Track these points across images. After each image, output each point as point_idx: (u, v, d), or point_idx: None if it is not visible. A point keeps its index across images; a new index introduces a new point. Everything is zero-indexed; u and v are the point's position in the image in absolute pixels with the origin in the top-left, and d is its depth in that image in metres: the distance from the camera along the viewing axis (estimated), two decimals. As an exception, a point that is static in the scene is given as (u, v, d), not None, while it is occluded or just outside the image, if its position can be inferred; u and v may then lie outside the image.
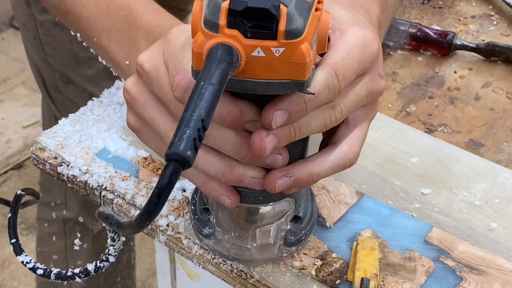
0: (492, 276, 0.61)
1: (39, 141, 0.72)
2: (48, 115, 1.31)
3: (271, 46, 0.44)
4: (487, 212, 0.67)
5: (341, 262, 0.62)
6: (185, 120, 0.40)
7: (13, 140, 2.30)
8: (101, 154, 0.71)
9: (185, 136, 0.39)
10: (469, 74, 0.88)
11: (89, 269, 0.68)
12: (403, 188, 0.69)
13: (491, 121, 0.80)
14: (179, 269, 0.81)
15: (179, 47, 0.51)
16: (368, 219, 0.65)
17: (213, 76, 0.42)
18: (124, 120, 0.74)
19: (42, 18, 1.15)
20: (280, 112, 0.48)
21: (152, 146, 0.57)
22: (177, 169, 0.39)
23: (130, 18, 0.66)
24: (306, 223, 0.61)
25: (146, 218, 0.42)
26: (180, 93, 0.49)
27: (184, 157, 0.39)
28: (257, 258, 0.60)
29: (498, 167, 0.71)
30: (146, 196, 0.67)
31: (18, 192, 0.78)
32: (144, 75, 0.54)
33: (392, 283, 0.60)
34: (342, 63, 0.50)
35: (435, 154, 0.72)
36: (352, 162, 0.55)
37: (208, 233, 0.60)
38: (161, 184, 0.40)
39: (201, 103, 0.41)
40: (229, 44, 0.44)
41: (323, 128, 0.52)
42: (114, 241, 0.66)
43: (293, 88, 0.47)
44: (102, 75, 1.22)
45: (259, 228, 0.59)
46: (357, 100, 0.53)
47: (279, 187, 0.52)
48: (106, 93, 0.78)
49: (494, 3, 1.01)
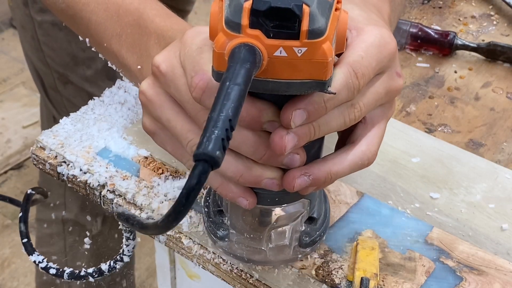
0: (492, 276, 0.61)
1: (40, 140, 0.72)
2: (47, 115, 1.31)
3: (293, 46, 0.44)
4: (487, 212, 0.67)
5: (341, 262, 0.62)
6: (213, 120, 0.40)
7: (13, 140, 2.30)
8: (102, 153, 0.71)
9: (214, 137, 0.39)
10: (469, 74, 0.88)
11: (103, 269, 0.68)
12: (404, 188, 0.69)
13: (491, 121, 0.80)
14: (179, 269, 0.81)
15: (196, 48, 0.51)
16: (369, 219, 0.65)
17: (238, 76, 0.42)
18: (125, 119, 0.74)
19: (40, 18, 1.15)
20: (299, 112, 0.48)
21: (168, 149, 0.57)
22: (206, 170, 0.39)
23: (141, 22, 0.66)
24: (320, 224, 0.61)
25: (174, 219, 0.42)
26: (198, 94, 0.49)
27: (213, 157, 0.39)
28: (272, 260, 0.60)
29: (499, 168, 0.71)
30: (147, 195, 0.67)
31: (28, 191, 0.78)
32: (161, 76, 0.54)
33: (392, 283, 0.60)
34: (360, 61, 0.50)
35: (436, 154, 0.72)
36: (370, 162, 0.55)
37: (222, 235, 0.60)
38: (189, 185, 0.39)
39: (227, 103, 0.41)
40: (251, 44, 0.44)
41: (342, 127, 0.52)
42: (129, 241, 0.65)
43: (314, 88, 0.47)
44: (101, 75, 1.21)
45: (274, 229, 0.59)
46: (376, 99, 0.53)
47: (297, 186, 0.52)
48: (107, 92, 0.78)
49: (494, 3, 1.01)
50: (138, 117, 0.75)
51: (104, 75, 1.22)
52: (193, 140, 0.52)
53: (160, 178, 0.68)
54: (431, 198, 0.68)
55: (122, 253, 0.67)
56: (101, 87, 1.23)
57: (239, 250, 0.60)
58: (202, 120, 0.51)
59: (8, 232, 2.05)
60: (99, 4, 0.69)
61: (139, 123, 0.74)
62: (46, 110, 1.31)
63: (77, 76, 1.20)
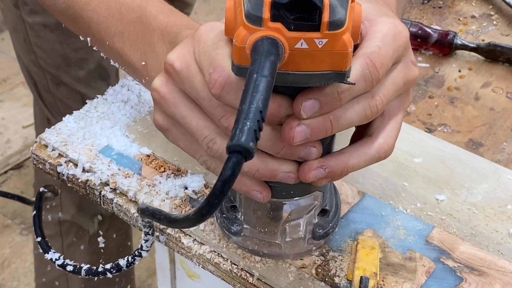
0: (493, 277, 0.61)
1: (43, 138, 0.72)
2: (41, 117, 1.31)
3: (314, 37, 0.45)
4: (489, 213, 0.67)
5: (342, 261, 0.62)
6: (244, 112, 0.40)
7: (13, 140, 2.30)
8: (104, 151, 0.71)
9: (246, 128, 0.40)
10: (469, 74, 0.88)
11: (121, 264, 0.68)
12: (405, 188, 0.69)
13: (491, 121, 0.80)
14: (179, 269, 0.81)
15: (211, 44, 0.51)
16: (369, 218, 0.65)
17: (264, 68, 0.42)
18: (127, 118, 0.75)
19: (32, 20, 1.15)
20: (311, 102, 0.49)
21: (181, 145, 0.57)
22: (239, 161, 0.40)
23: (144, 19, 0.66)
24: (332, 216, 0.61)
25: (207, 212, 0.42)
26: (217, 90, 0.49)
27: (247, 149, 0.40)
28: (287, 253, 0.61)
29: (501, 168, 0.71)
30: (149, 193, 0.67)
31: (41, 189, 0.79)
32: (175, 74, 0.54)
33: (392, 283, 0.60)
34: (378, 51, 0.50)
35: (438, 154, 0.72)
36: (387, 154, 0.55)
37: (236, 230, 0.60)
38: (224, 177, 0.40)
39: (257, 95, 0.41)
40: (274, 37, 0.44)
41: (363, 120, 0.52)
42: (148, 236, 0.65)
43: (334, 79, 0.47)
44: (93, 76, 1.22)
45: (288, 222, 0.59)
46: (395, 89, 0.53)
47: (312, 177, 0.52)
48: (110, 90, 0.78)
49: (494, 3, 1.00)
50: (140, 116, 0.75)
51: (97, 76, 1.22)
52: (209, 136, 0.53)
53: (162, 176, 0.68)
54: (433, 198, 0.68)
55: (140, 248, 0.67)
56: (94, 88, 1.24)
57: (254, 245, 0.61)
58: (219, 116, 0.51)
59: (8, 232, 2.05)
60: (100, 3, 0.69)
61: (141, 121, 0.75)
62: (40, 112, 1.31)
63: (69, 77, 1.20)
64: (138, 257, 0.67)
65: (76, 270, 0.70)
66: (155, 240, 0.67)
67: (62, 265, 0.70)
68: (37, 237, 0.73)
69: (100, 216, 1.36)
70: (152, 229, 0.64)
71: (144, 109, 0.76)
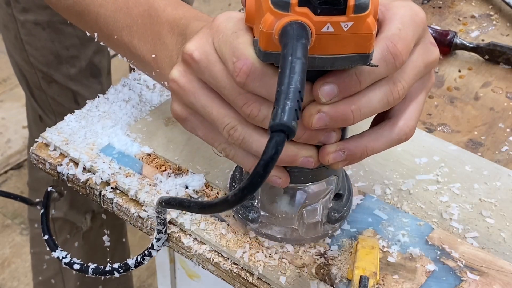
0: (493, 277, 0.61)
1: (45, 137, 0.72)
2: (33, 115, 1.32)
3: (340, 21, 0.46)
4: (489, 213, 0.67)
5: (341, 261, 0.62)
6: (283, 93, 0.42)
7: (13, 140, 2.30)
8: (105, 150, 0.71)
9: (288, 108, 0.41)
10: (468, 74, 0.88)
11: (129, 264, 0.67)
12: (405, 188, 0.69)
13: (491, 121, 0.80)
14: (179, 269, 0.81)
15: (231, 33, 0.52)
16: (370, 218, 0.65)
17: (297, 51, 0.43)
18: (129, 117, 0.75)
19: (23, 18, 1.16)
20: (329, 86, 0.50)
21: (200, 133, 0.58)
22: (282, 140, 0.41)
23: (152, 12, 0.67)
24: (346, 200, 0.62)
25: (248, 192, 0.43)
26: (243, 78, 0.50)
27: (289, 127, 0.41)
28: (305, 238, 0.62)
29: (502, 169, 0.71)
30: (149, 192, 0.67)
31: (49, 188, 0.79)
32: (194, 63, 0.54)
33: (392, 283, 0.60)
34: (399, 34, 0.51)
35: (438, 154, 0.72)
36: (407, 137, 0.55)
37: (254, 217, 0.61)
38: (268, 155, 0.41)
39: (294, 76, 0.42)
40: (301, 21, 0.45)
41: (385, 107, 0.53)
42: (160, 235, 0.64)
43: (358, 61, 0.48)
44: (85, 73, 1.22)
45: (306, 207, 0.60)
46: (415, 73, 0.54)
47: (332, 160, 0.53)
48: (112, 90, 0.78)
49: (494, 3, 1.01)
50: (142, 115, 0.75)
51: (88, 73, 1.23)
52: (230, 124, 0.53)
53: (163, 175, 0.68)
54: (433, 198, 0.68)
55: (151, 247, 0.66)
56: (85, 85, 1.25)
57: (272, 231, 0.62)
58: (241, 104, 0.52)
59: (8, 232, 2.05)
60: None
61: (143, 120, 0.75)
62: (32, 111, 1.31)
63: (61, 75, 1.21)
64: (148, 257, 0.67)
65: (83, 269, 0.69)
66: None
67: (69, 264, 0.70)
68: (44, 235, 0.74)
69: (92, 213, 1.36)
70: (165, 227, 0.64)
71: (145, 108, 0.76)
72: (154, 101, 0.77)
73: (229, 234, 0.63)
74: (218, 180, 0.68)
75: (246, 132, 0.53)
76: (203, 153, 0.71)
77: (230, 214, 0.65)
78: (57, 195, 0.80)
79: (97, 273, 0.69)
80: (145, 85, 0.79)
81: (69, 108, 1.24)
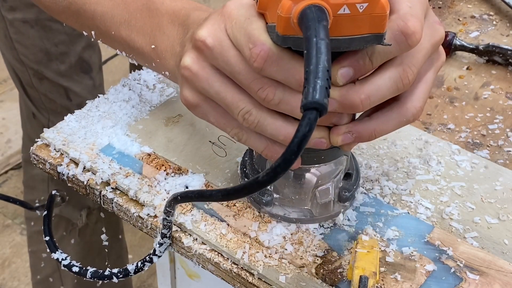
0: (493, 277, 0.61)
1: (45, 137, 0.72)
2: (27, 113, 1.33)
3: (356, 2, 0.47)
4: (489, 213, 0.67)
5: (341, 261, 0.62)
6: (313, 72, 0.43)
7: (13, 140, 2.30)
8: (105, 150, 0.71)
9: (319, 86, 0.42)
10: (468, 74, 0.88)
11: (129, 269, 0.67)
12: (405, 188, 0.69)
13: (491, 121, 0.80)
14: (179, 269, 0.81)
15: (245, 19, 0.52)
16: (370, 218, 0.66)
17: (320, 32, 0.45)
18: (129, 117, 0.75)
19: (11, 17, 1.16)
20: (345, 69, 0.51)
21: (211, 119, 0.59)
22: (315, 117, 0.42)
23: (151, 6, 0.67)
24: (355, 179, 0.64)
25: (282, 169, 0.43)
26: (260, 64, 0.51)
27: (322, 104, 0.42)
28: (318, 217, 0.63)
29: (502, 169, 0.71)
30: (149, 192, 0.67)
31: (53, 192, 0.80)
32: (207, 50, 0.55)
33: (392, 283, 0.60)
34: (410, 11, 0.52)
35: (438, 154, 0.72)
36: (415, 118, 0.56)
37: (268, 200, 0.63)
38: (301, 133, 0.41)
39: (321, 56, 0.43)
40: (319, 4, 0.46)
41: (395, 93, 0.54)
42: (164, 239, 0.63)
43: (373, 41, 0.50)
44: (75, 69, 1.23)
45: (318, 188, 0.61)
46: (423, 54, 0.54)
47: (341, 142, 0.55)
48: (112, 90, 0.78)
49: (493, 3, 1.01)
50: (142, 115, 0.76)
51: (79, 69, 1.24)
52: (245, 108, 0.54)
53: (163, 175, 0.68)
54: (433, 198, 0.68)
55: (153, 253, 0.65)
56: (76, 81, 1.25)
57: (286, 212, 0.63)
58: (256, 88, 0.53)
59: (8, 232, 2.05)
60: None
61: (143, 120, 0.75)
62: (26, 108, 1.32)
63: (51, 72, 1.22)
64: (149, 263, 0.66)
65: (81, 272, 0.69)
66: (155, 240, 0.66)
67: (68, 266, 0.70)
68: (45, 236, 0.74)
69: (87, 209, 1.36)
70: (170, 231, 0.63)
71: (145, 108, 0.76)
72: (154, 101, 0.77)
73: (229, 234, 0.63)
74: (218, 180, 0.68)
75: (261, 115, 0.54)
76: (203, 153, 0.71)
77: (230, 214, 0.65)
78: (60, 199, 0.80)
79: (95, 277, 0.68)
80: (145, 85, 0.79)
81: (61, 104, 1.25)
